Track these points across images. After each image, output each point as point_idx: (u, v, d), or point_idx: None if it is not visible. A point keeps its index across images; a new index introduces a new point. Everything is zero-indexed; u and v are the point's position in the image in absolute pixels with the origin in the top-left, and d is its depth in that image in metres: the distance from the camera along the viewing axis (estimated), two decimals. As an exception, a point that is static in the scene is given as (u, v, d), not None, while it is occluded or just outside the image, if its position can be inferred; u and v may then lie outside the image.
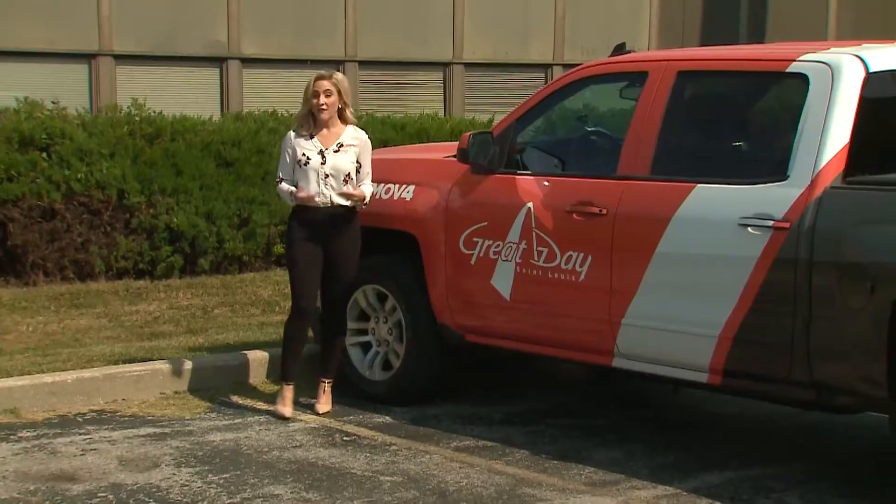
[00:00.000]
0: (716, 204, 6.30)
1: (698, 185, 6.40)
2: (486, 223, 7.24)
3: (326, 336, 7.63)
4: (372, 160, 7.45)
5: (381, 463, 6.69)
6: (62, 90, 12.16)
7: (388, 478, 6.44)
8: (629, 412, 7.82)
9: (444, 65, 14.73)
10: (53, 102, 11.45)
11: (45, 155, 10.79)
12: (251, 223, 11.51)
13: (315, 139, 7.25)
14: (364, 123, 12.47)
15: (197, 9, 13.40)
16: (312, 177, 7.20)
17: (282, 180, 7.35)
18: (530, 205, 7.03)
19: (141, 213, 11.06)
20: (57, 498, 6.12)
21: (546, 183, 7.07)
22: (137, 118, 11.49)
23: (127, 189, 10.98)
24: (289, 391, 7.51)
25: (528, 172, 7.21)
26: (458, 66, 14.77)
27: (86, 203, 10.87)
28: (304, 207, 7.28)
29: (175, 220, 11.13)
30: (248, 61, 13.67)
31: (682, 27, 15.50)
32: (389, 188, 7.76)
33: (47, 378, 7.76)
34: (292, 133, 7.34)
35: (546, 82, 12.47)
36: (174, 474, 6.50)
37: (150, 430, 7.29)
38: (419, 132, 12.47)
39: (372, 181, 7.45)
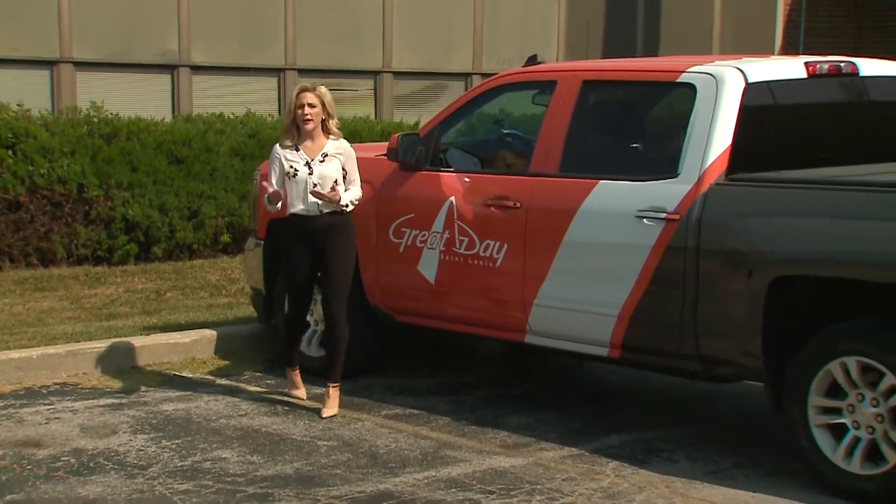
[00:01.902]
0: (615, 198, 6.36)
1: (600, 181, 6.46)
2: (413, 215, 7.27)
3: (330, 341, 7.06)
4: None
5: (319, 429, 6.71)
6: (26, 94, 12.00)
7: (324, 442, 6.47)
8: (540, 384, 7.89)
9: (375, 73, 14.71)
10: (18, 105, 11.31)
11: (10, 152, 10.65)
12: (200, 215, 11.45)
13: (301, 151, 6.77)
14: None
15: (150, 20, 13.28)
16: (301, 187, 6.71)
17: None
18: (453, 199, 7.07)
19: (99, 205, 10.97)
20: (24, 462, 6.08)
21: (467, 179, 7.11)
22: (96, 119, 11.38)
23: (86, 183, 10.88)
24: (296, 374, 7.21)
25: (451, 170, 7.24)
26: (388, 74, 14.76)
27: (48, 196, 10.76)
28: (297, 217, 6.78)
29: (130, 211, 11.05)
30: (197, 69, 13.56)
31: (587, 41, 15.62)
32: (326, 183, 7.75)
33: (14, 354, 7.70)
34: (278, 146, 6.85)
35: (466, 89, 12.52)
36: (131, 440, 6.48)
37: (109, 400, 7.25)
38: (353, 134, 12.47)
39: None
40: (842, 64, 6.64)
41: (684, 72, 6.36)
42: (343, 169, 6.82)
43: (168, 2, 13.35)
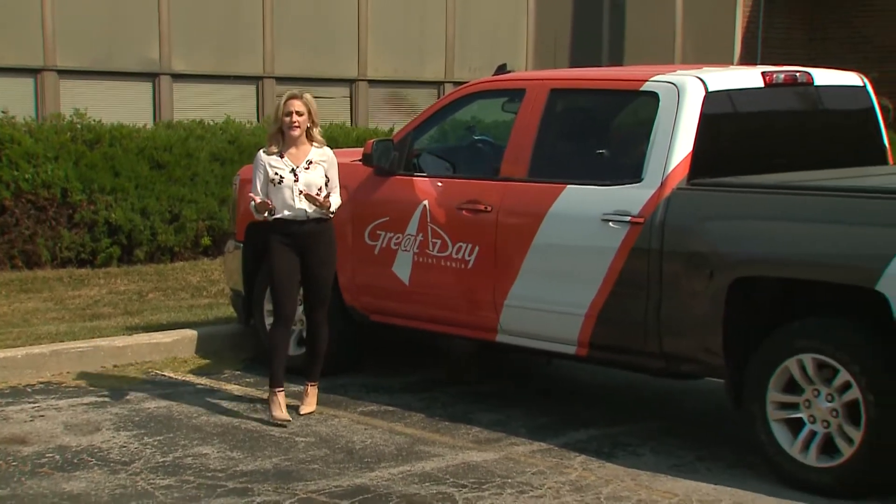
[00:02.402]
0: (583, 202, 6.38)
1: (568, 185, 6.48)
2: (387, 218, 7.27)
3: (310, 343, 6.93)
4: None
5: (297, 426, 6.70)
6: (11, 101, 11.92)
7: (302, 438, 6.46)
8: (511, 381, 7.91)
9: (351, 81, 14.69)
10: (3, 112, 11.25)
11: (-4, 158, 10.60)
12: (181, 218, 11.41)
13: (286, 158, 6.61)
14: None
15: (132, 30, 13.22)
16: (287, 194, 6.55)
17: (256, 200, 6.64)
18: (426, 202, 7.08)
19: (82, 209, 10.90)
20: (10, 458, 6.05)
21: (439, 184, 7.12)
22: (79, 126, 11.31)
23: (70, 188, 10.81)
24: (281, 396, 6.75)
25: (424, 174, 7.24)
26: (363, 83, 14.75)
27: (33, 200, 10.69)
28: (282, 221, 6.61)
29: (113, 215, 10.99)
30: (177, 76, 13.51)
31: (554, 51, 15.66)
32: (303, 188, 7.74)
33: None
34: (262, 153, 6.68)
35: (439, 97, 12.53)
36: (114, 437, 6.45)
37: (92, 399, 7.22)
38: (329, 140, 12.24)
39: None
40: (797, 74, 6.70)
41: (647, 81, 6.39)
42: (325, 176, 6.69)
43: (149, 12, 13.29)
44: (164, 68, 13.51)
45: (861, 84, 7.01)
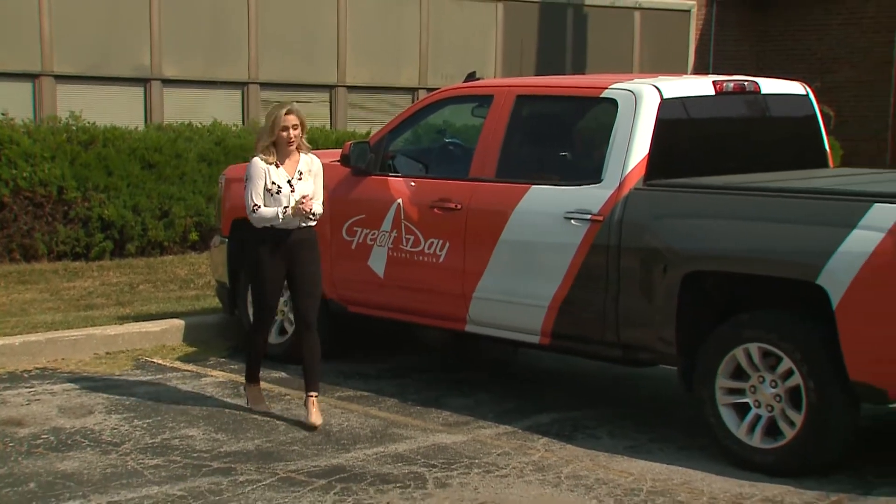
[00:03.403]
0: (546, 201, 6.39)
1: (533, 186, 6.49)
2: (364, 216, 7.25)
3: (306, 352, 6.44)
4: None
5: (278, 410, 6.67)
6: (10, 104, 11.78)
7: (283, 422, 6.44)
8: (479, 368, 7.91)
9: (330, 87, 14.64)
10: (3, 114, 11.15)
11: (-5, 157, 10.51)
12: (171, 215, 11.34)
13: (282, 168, 6.31)
14: (264, 134, 12.35)
15: (125, 37, 13.11)
16: (284, 203, 6.25)
17: (258, 207, 6.27)
18: (400, 201, 7.06)
19: (77, 206, 10.82)
20: (7, 439, 6.00)
21: (413, 183, 7.10)
22: (74, 128, 11.23)
23: (65, 186, 10.73)
24: (257, 389, 6.68)
25: (398, 175, 7.23)
26: (342, 88, 14.69)
27: (30, 197, 10.60)
28: (275, 231, 6.30)
29: (106, 212, 10.92)
30: (167, 82, 13.41)
31: (521, 60, 15.66)
32: (285, 187, 7.71)
33: (-2, 342, 7.60)
34: (261, 161, 6.31)
35: (413, 102, 12.50)
36: (105, 419, 6.41)
37: (86, 383, 7.17)
38: (310, 142, 12.23)
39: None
40: (746, 82, 6.72)
41: (607, 88, 6.40)
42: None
43: (141, 20, 13.20)
44: (155, 74, 13.42)
45: (804, 93, 7.05)
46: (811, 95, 7.06)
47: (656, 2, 17.28)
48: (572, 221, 6.22)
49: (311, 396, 6.37)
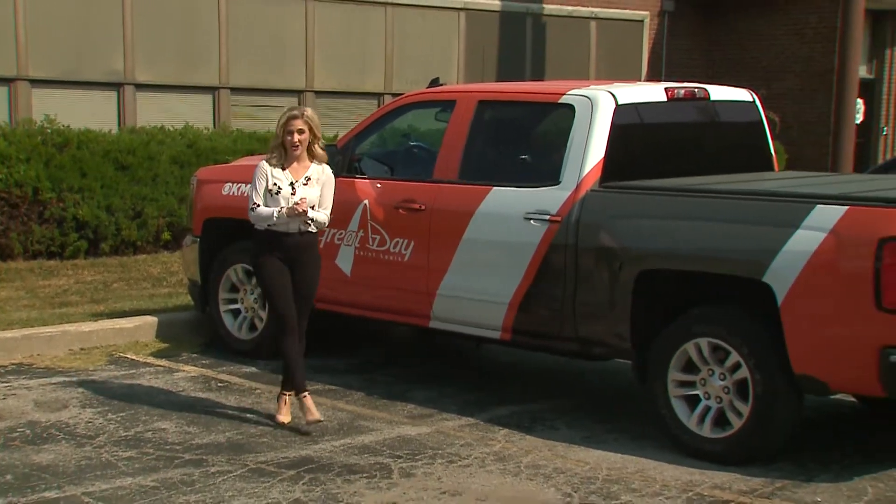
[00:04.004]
0: (507, 202, 6.40)
1: (494, 187, 6.50)
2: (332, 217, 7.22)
3: (295, 354, 6.17)
4: (240, 165, 7.29)
5: (248, 403, 6.64)
6: (-14, 107, 11.72)
7: (253, 414, 6.40)
8: (443, 363, 7.92)
9: (299, 92, 14.58)
10: (-21, 117, 11.03)
11: (-29, 159, 10.37)
12: (143, 215, 11.25)
13: (287, 171, 6.05)
14: (235, 138, 12.30)
15: (99, 43, 12.99)
16: (283, 205, 6.01)
17: (257, 206, 6.07)
18: (366, 202, 7.05)
19: (52, 206, 10.71)
20: (-16, 434, 5.93)
21: (378, 185, 7.09)
22: (49, 130, 11.10)
23: (41, 187, 10.60)
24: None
25: (365, 176, 7.21)
26: (310, 93, 14.64)
27: (6, 198, 10.46)
28: (273, 233, 6.07)
29: (80, 212, 10.81)
30: (140, 86, 13.30)
31: (483, 66, 15.69)
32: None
33: (-25, 339, 7.50)
34: (265, 163, 6.10)
35: (378, 107, 12.48)
36: (80, 413, 6.35)
37: (61, 379, 7.10)
38: (279, 145, 12.35)
39: (238, 183, 7.20)
40: (696, 89, 6.78)
41: (564, 94, 6.42)
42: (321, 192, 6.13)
43: (114, 26, 13.08)
44: (128, 79, 13.31)
45: (751, 100, 7.12)
46: (757, 102, 7.13)
47: (611, 12, 17.37)
48: (532, 222, 6.24)
49: (304, 397, 6.12)
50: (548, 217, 6.18)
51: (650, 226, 5.86)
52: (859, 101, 14.93)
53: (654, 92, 6.60)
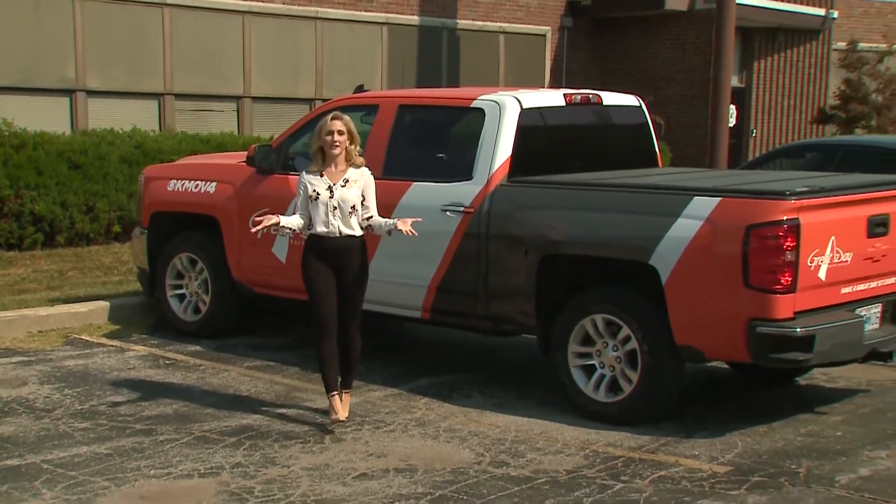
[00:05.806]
0: (426, 196, 6.40)
1: (414, 182, 6.49)
2: (267, 209, 7.08)
3: (344, 353, 5.71)
4: (184, 164, 7.18)
5: (194, 378, 6.56)
6: (-53, 112, 11.30)
7: (198, 388, 6.33)
8: (371, 340, 7.87)
9: (237, 98, 14.37)
10: (-60, 121, 10.65)
11: (-67, 159, 10.01)
12: (95, 210, 11.01)
13: (325, 176, 5.58)
14: (179, 140, 12.08)
15: (52, 53, 12.64)
16: (322, 210, 5.53)
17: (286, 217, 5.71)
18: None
19: (10, 202, 10.41)
20: (-53, 411, 5.76)
21: (310, 181, 7.02)
22: (7, 133, 10.79)
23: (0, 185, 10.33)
24: (335, 399, 5.67)
25: (297, 173, 7.15)
26: (248, 99, 14.44)
27: (-34, 195, 10.17)
28: (317, 237, 5.60)
29: (37, 207, 10.53)
30: (91, 93, 12.97)
31: (403, 74, 15.65)
32: (198, 184, 7.56)
33: (-63, 324, 7.27)
34: (305, 172, 5.66)
35: (310, 111, 12.37)
36: (38, 389, 6.20)
37: (20, 358, 6.92)
38: (220, 145, 12.17)
39: (182, 180, 7.07)
40: (591, 95, 6.86)
41: (475, 99, 6.45)
42: (362, 195, 5.64)
43: (67, 37, 12.74)
44: (80, 85, 12.99)
45: (638, 104, 7.23)
46: (644, 107, 7.24)
47: (517, 27, 17.47)
48: (448, 213, 6.25)
49: (345, 393, 5.76)
50: (462, 209, 6.20)
51: (552, 216, 5.92)
52: (732, 106, 15.25)
53: (554, 97, 6.66)
